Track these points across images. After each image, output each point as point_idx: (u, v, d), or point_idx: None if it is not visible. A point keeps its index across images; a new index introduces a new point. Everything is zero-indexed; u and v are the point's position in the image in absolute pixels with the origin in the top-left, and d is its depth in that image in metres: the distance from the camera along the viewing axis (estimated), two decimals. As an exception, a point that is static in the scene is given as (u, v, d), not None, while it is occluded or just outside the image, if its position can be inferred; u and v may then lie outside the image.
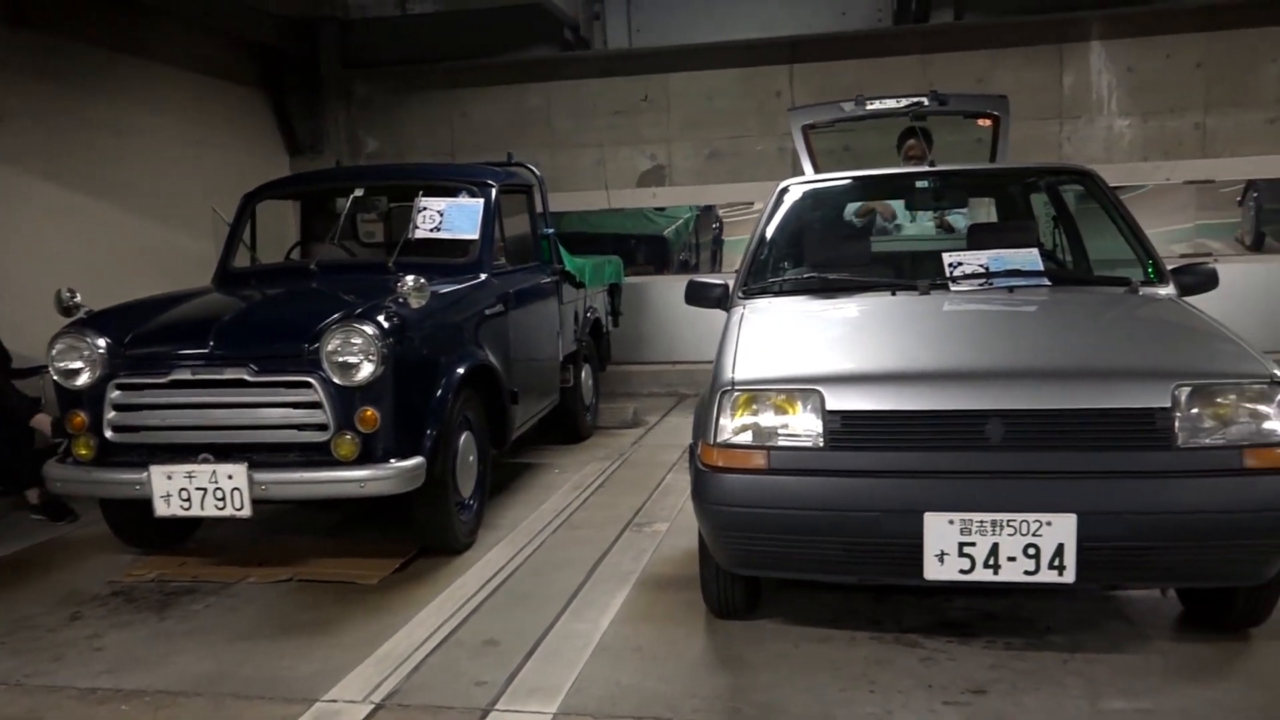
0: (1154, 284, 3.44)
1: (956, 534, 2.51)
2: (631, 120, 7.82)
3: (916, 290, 3.41)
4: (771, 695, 2.66)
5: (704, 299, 3.79)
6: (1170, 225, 7.46)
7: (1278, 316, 6.95)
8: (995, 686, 2.66)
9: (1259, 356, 2.66)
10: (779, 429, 2.69)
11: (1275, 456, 2.48)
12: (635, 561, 3.79)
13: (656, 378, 7.69)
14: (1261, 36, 6.89)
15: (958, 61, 7.26)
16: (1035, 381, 2.62)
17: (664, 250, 8.45)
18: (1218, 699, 2.54)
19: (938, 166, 4.27)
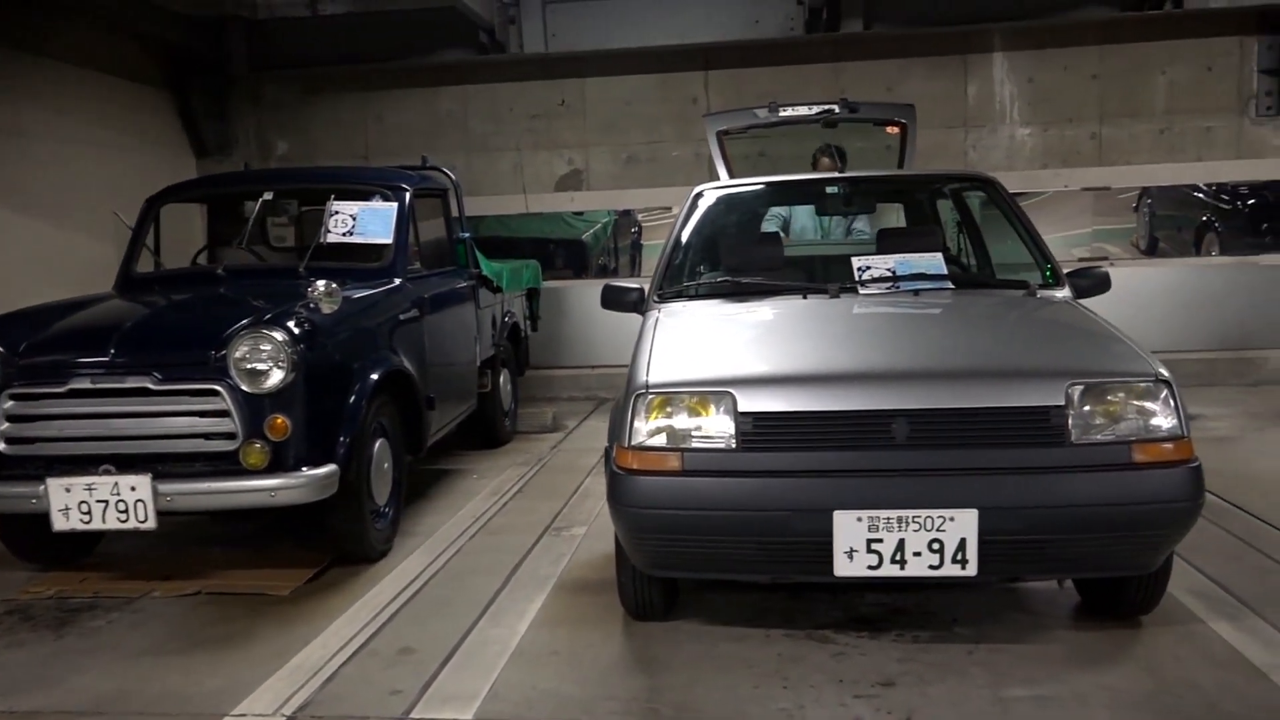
0: (1051, 287, 3.57)
1: (865, 531, 2.58)
2: (549, 124, 7.81)
3: (827, 294, 3.49)
4: (687, 695, 2.70)
5: (620, 303, 3.82)
6: (1070, 230, 7.74)
7: (1170, 317, 7.28)
8: (903, 678, 2.73)
9: (1147, 356, 2.79)
10: (692, 431, 2.73)
11: (1161, 451, 2.61)
12: (553, 566, 3.79)
13: (576, 382, 7.69)
14: (1151, 51, 7.22)
15: (868, 70, 7.44)
16: (938, 382, 2.71)
17: (583, 254, 8.44)
18: (1110, 684, 2.66)
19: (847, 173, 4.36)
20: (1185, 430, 2.63)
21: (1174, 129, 7.28)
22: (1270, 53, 7.13)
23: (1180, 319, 7.33)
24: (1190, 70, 7.22)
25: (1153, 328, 7.14)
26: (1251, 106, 7.21)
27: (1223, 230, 7.71)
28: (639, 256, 8.94)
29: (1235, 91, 7.21)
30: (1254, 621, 3.01)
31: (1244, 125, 7.24)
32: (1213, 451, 5.08)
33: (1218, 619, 3.04)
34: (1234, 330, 7.30)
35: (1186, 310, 7.34)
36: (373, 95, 7.90)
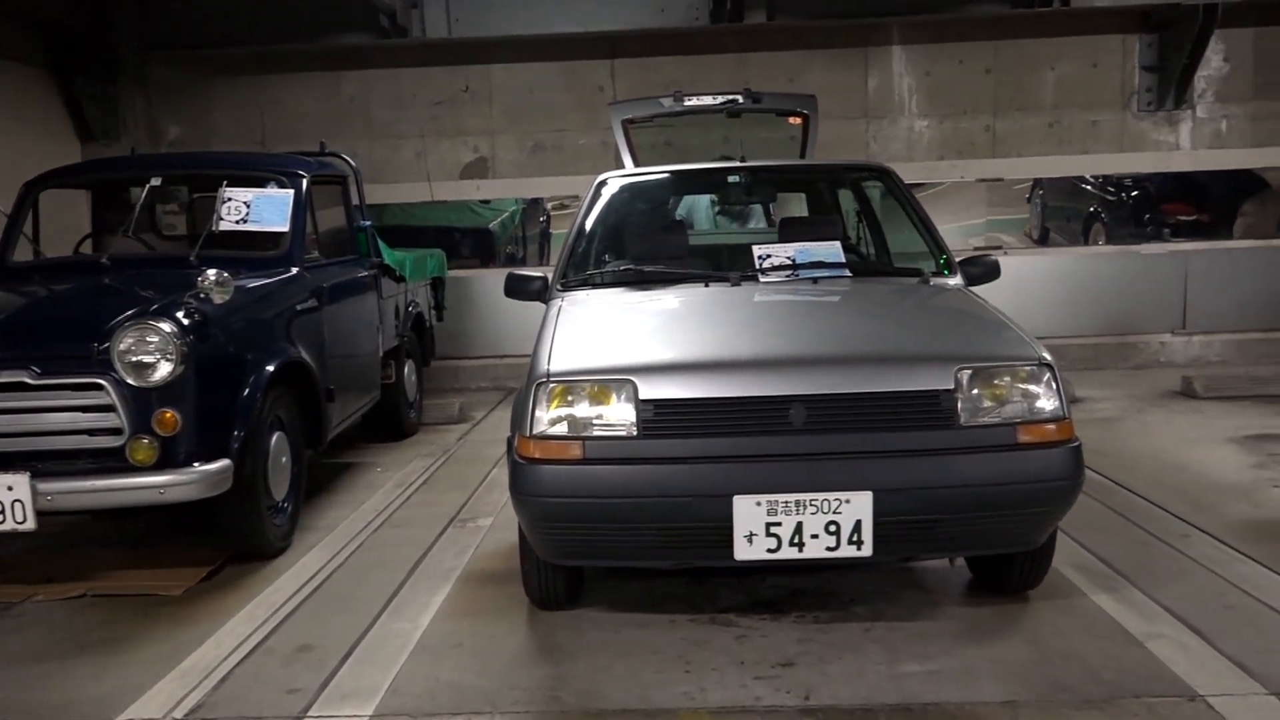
0: (944, 275, 3.68)
1: (764, 515, 2.62)
2: (453, 111, 7.70)
3: (728, 282, 3.53)
4: (591, 682, 2.70)
5: (523, 292, 3.80)
6: (967, 220, 7.98)
7: (1060, 304, 7.58)
8: (803, 658, 2.79)
9: (1031, 341, 2.89)
10: (594, 419, 2.73)
11: (1045, 432, 2.71)
12: (458, 558, 3.76)
13: (483, 372, 7.62)
14: (1041, 47, 7.48)
15: (772, 61, 7.53)
16: (833, 367, 2.76)
17: (490, 243, 8.36)
18: (997, 657, 2.76)
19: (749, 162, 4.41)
20: (1066, 412, 2.74)
21: (1062, 123, 7.57)
22: (1151, 50, 7.46)
23: (1070, 306, 7.63)
24: (1077, 66, 7.51)
25: (1044, 314, 7.44)
26: (1134, 102, 7.53)
27: (1108, 220, 8.04)
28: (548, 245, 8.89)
29: (1119, 87, 7.53)
30: (1132, 593, 3.16)
31: (1127, 120, 7.57)
32: (1097, 432, 5.35)
33: (1099, 592, 3.18)
34: (1118, 316, 7.64)
35: (1075, 297, 7.65)
36: (270, 79, 7.66)
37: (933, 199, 7.68)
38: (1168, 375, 6.89)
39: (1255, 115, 7.52)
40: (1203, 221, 7.86)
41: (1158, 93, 7.46)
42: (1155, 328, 7.65)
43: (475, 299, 7.58)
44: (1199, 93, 7.48)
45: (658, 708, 2.55)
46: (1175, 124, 7.55)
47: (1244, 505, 4.03)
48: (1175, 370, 6.99)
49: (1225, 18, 6.99)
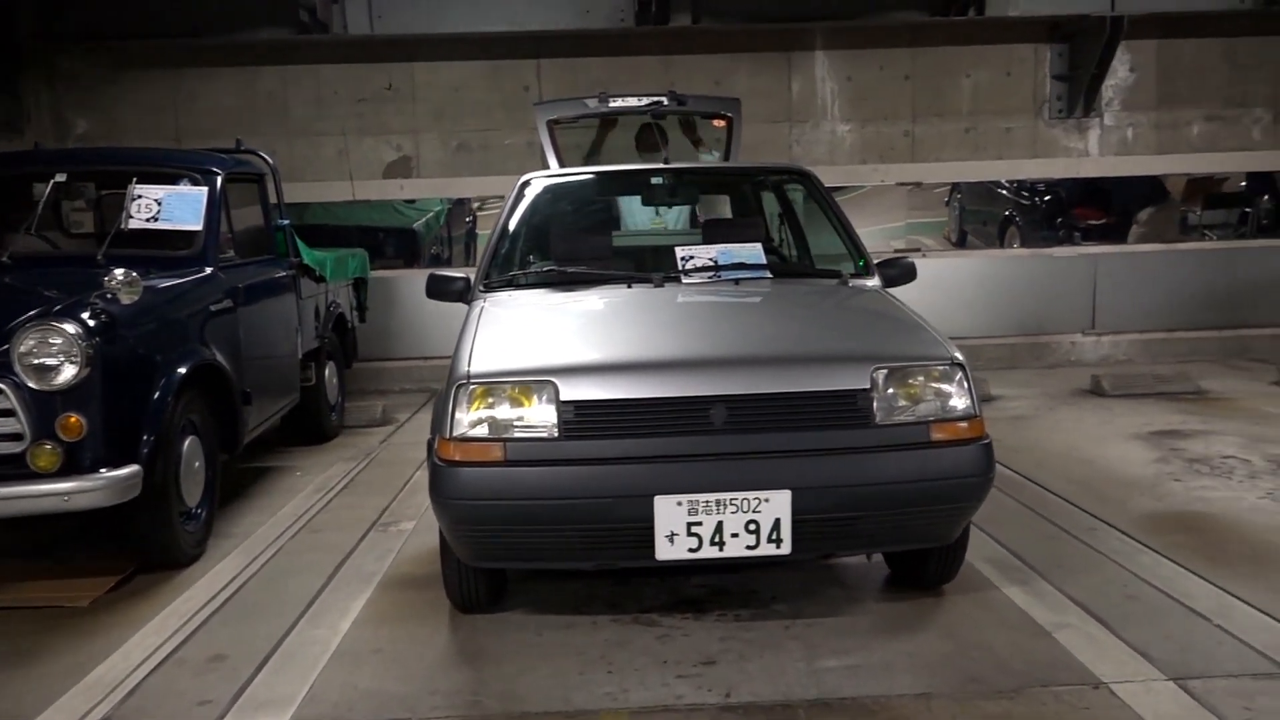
0: (863, 276, 3.75)
1: (685, 515, 2.63)
2: (376, 109, 7.58)
3: (651, 283, 3.54)
4: (513, 685, 2.69)
5: (445, 293, 3.76)
6: (888, 223, 8.15)
7: (977, 305, 7.78)
8: (724, 656, 2.81)
9: (944, 341, 2.96)
10: (515, 421, 2.72)
11: (957, 429, 2.78)
12: (379, 562, 3.70)
13: (407, 374, 7.53)
14: (957, 54, 7.67)
15: (697, 64, 7.58)
16: (753, 368, 2.79)
17: (414, 244, 8.25)
18: (913, 651, 2.82)
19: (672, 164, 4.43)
20: (977, 410, 2.81)
21: (978, 129, 7.77)
22: (1061, 60, 7.71)
23: (986, 307, 7.84)
24: (992, 74, 7.72)
25: (962, 315, 7.65)
26: (1045, 109, 7.77)
27: (1023, 224, 8.29)
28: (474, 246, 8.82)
29: (1031, 95, 7.76)
30: (1041, 585, 3.26)
31: (1039, 127, 7.80)
32: (1010, 430, 5.51)
33: (1010, 584, 3.27)
34: (1032, 317, 7.87)
35: (992, 299, 7.86)
36: (184, 74, 7.45)
37: (855, 202, 7.83)
38: (1078, 374, 7.12)
39: (1158, 124, 7.82)
40: (1111, 225, 8.16)
41: (1068, 101, 7.71)
42: (1067, 328, 7.90)
43: (399, 300, 7.48)
44: (1106, 101, 7.75)
45: (579, 709, 2.54)
46: (1084, 131, 7.81)
47: (1147, 499, 4.19)
48: (1085, 369, 7.23)
49: (1130, 29, 7.26)
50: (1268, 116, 7.86)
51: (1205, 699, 2.48)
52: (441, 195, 7.88)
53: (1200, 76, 7.77)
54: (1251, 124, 7.87)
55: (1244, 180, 8.18)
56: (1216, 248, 8.09)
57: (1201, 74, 7.77)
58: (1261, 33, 7.72)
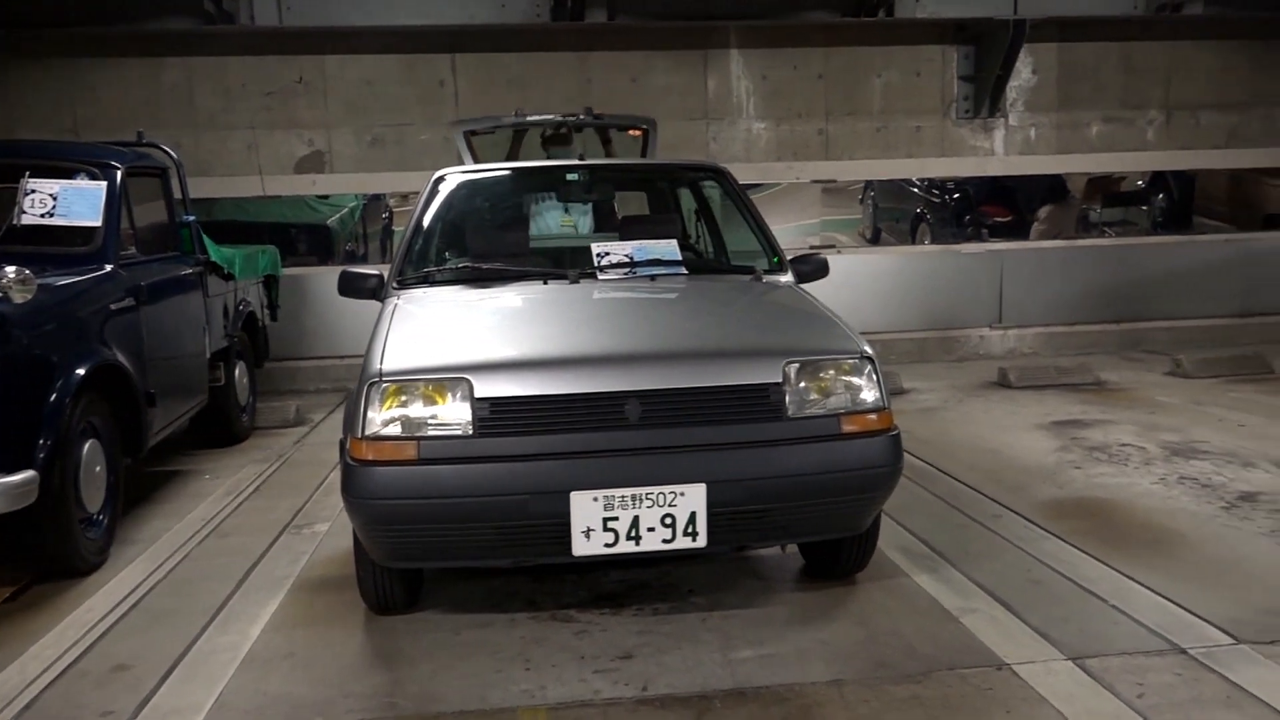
0: (776, 272, 3.80)
1: (601, 510, 2.64)
2: (286, 103, 7.41)
3: (567, 279, 3.54)
4: (429, 685, 2.66)
5: (358, 290, 3.70)
6: (804, 220, 8.29)
7: (890, 300, 7.96)
8: (641, 650, 2.83)
9: (854, 335, 3.02)
10: (428, 419, 2.69)
11: (866, 421, 2.85)
12: (292, 565, 3.63)
13: (322, 373, 7.38)
14: (869, 54, 7.84)
15: (614, 60, 7.59)
16: (667, 363, 2.81)
17: (328, 240, 8.10)
18: (826, 639, 2.88)
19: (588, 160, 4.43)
20: (886, 402, 2.88)
21: (889, 127, 7.95)
22: (968, 61, 7.94)
23: (899, 302, 8.03)
24: (902, 74, 7.90)
25: (876, 310, 7.82)
26: (953, 109, 7.99)
27: (933, 221, 8.52)
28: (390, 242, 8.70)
29: (939, 95, 7.97)
30: (949, 572, 3.36)
31: (947, 126, 8.02)
32: (921, 421, 5.65)
33: (920, 572, 3.36)
34: (942, 312, 8.09)
35: (903, 294, 8.05)
36: (83, 63, 7.17)
37: (771, 199, 7.94)
38: (986, 367, 7.34)
39: (1059, 124, 8.11)
40: (1016, 223, 8.43)
41: (974, 101, 7.94)
42: (975, 322, 8.14)
43: (313, 298, 7.33)
44: (1011, 102, 8.01)
45: (496, 707, 2.54)
46: (990, 131, 8.06)
47: (1049, 486, 4.35)
48: (993, 362, 7.45)
49: (1032, 33, 7.51)
50: (1161, 118, 8.22)
51: (1101, 677, 2.59)
52: (356, 191, 7.75)
53: (1098, 79, 8.08)
54: (1146, 125, 8.22)
55: (1140, 180, 8.54)
56: (1115, 244, 8.43)
57: (1099, 77, 8.08)
58: (1154, 37, 8.06)
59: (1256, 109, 8.31)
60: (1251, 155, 8.38)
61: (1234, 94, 8.26)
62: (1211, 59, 8.19)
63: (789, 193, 8.12)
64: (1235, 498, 4.06)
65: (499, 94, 7.51)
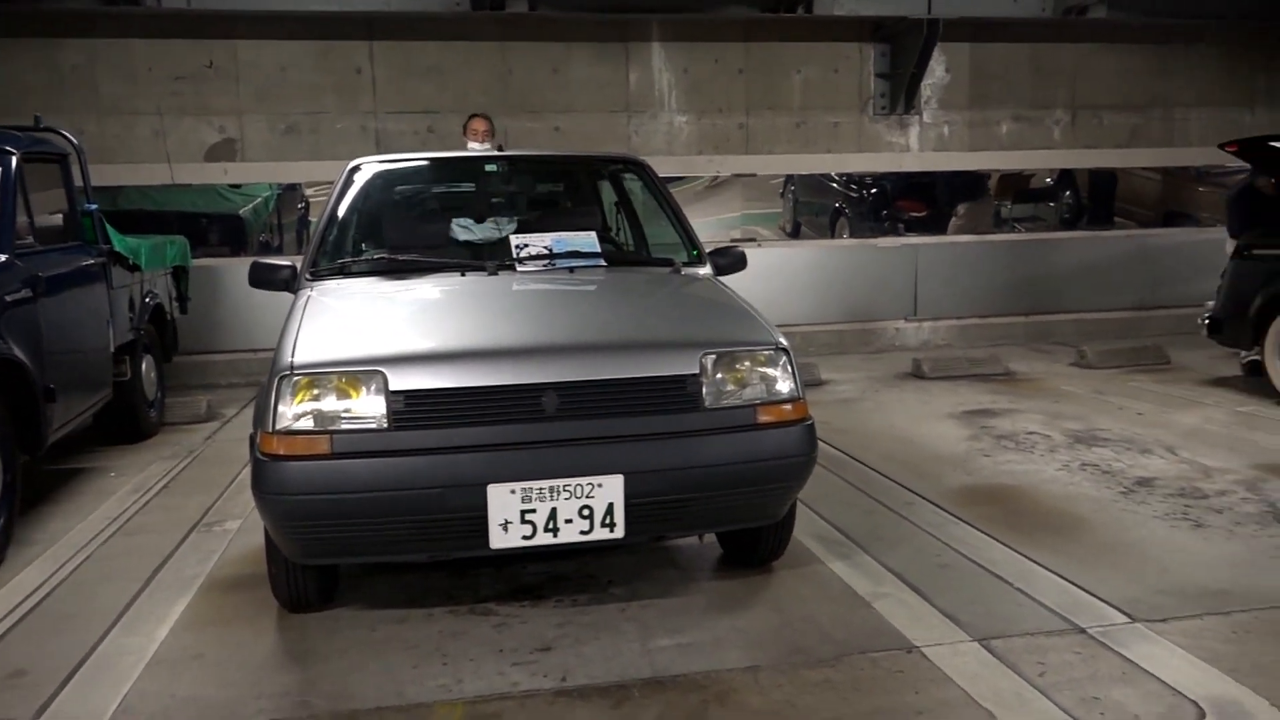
0: (695, 265, 3.83)
1: (518, 503, 2.64)
2: (196, 88, 7.19)
3: (485, 271, 3.51)
4: (343, 683, 2.63)
5: (270, 281, 3.62)
6: (725, 214, 8.35)
7: (810, 293, 8.09)
8: (560, 642, 2.83)
9: (770, 327, 3.06)
10: (342, 413, 2.65)
11: (782, 412, 2.89)
12: (202, 564, 3.54)
13: (235, 367, 7.19)
14: (788, 50, 7.94)
15: (535, 51, 7.55)
16: (585, 355, 2.81)
17: (241, 230, 7.87)
18: (743, 626, 2.92)
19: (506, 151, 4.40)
20: (800, 393, 2.93)
21: (808, 123, 8.06)
22: (884, 59, 8.09)
23: (818, 295, 8.16)
24: (820, 71, 8.02)
25: (795, 303, 7.94)
26: (870, 106, 8.14)
27: (851, 216, 8.66)
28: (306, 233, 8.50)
29: (857, 92, 8.11)
30: (862, 558, 3.44)
31: (864, 122, 8.17)
32: (838, 412, 5.76)
33: (834, 559, 3.43)
34: (860, 304, 8.25)
35: (822, 287, 8.19)
36: (-26, 44, 6.85)
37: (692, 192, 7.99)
38: (901, 358, 7.52)
39: (971, 122, 8.33)
40: (931, 218, 8.63)
41: (890, 98, 8.10)
42: (891, 315, 8.32)
43: (225, 290, 7.14)
44: (925, 100, 8.19)
45: (412, 702, 2.51)
46: (906, 128, 8.23)
47: (959, 473, 4.47)
48: (908, 353, 7.63)
49: (945, 32, 7.69)
50: (1066, 118, 8.50)
51: (1005, 657, 2.68)
52: (269, 180, 7.56)
53: (1008, 79, 8.32)
54: (1053, 125, 8.50)
55: (1049, 177, 8.82)
56: (1024, 239, 8.69)
57: (1009, 77, 8.32)
58: (1060, 40, 8.33)
59: (1155, 110, 8.65)
60: (1151, 155, 8.73)
61: (1135, 96, 8.59)
62: (1114, 62, 8.50)
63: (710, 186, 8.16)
64: (1132, 483, 4.23)
65: (417, 83, 7.41)
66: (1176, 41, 8.56)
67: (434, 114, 7.43)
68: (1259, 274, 5.76)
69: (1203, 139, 8.54)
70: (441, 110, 7.40)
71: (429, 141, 7.41)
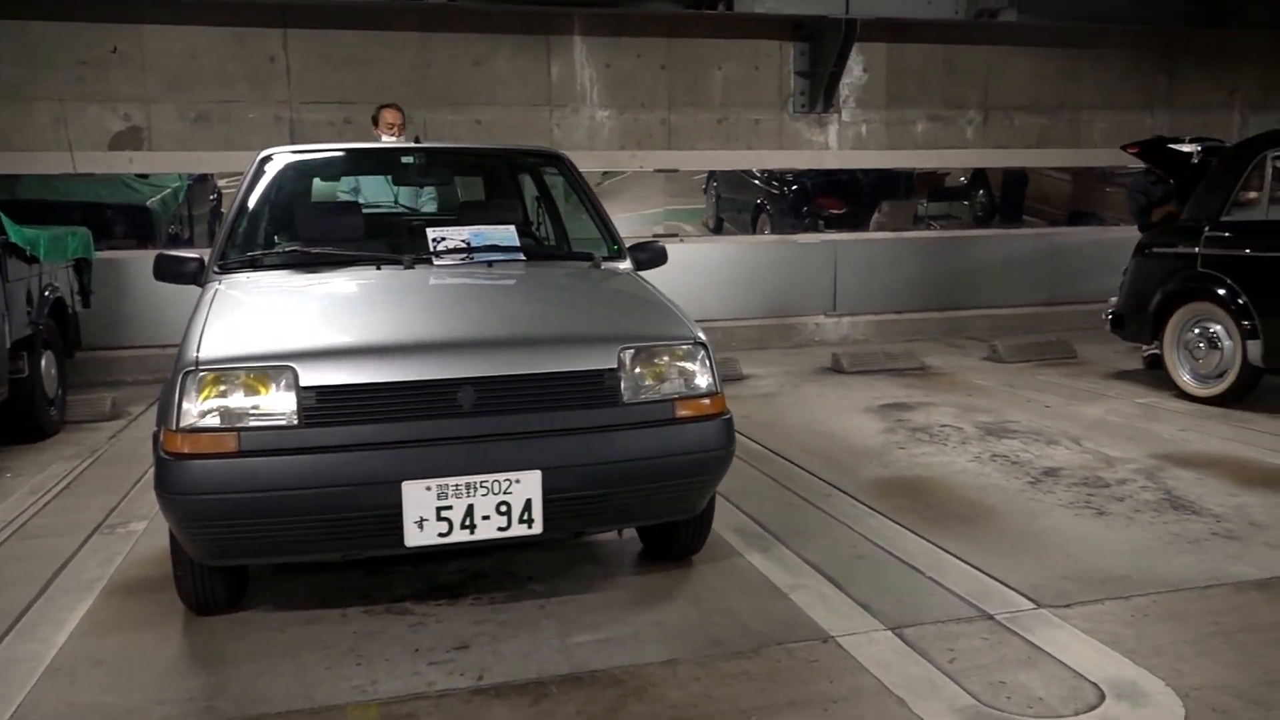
0: (615, 260, 3.82)
1: (434, 499, 2.60)
2: (100, 74, 6.92)
3: (401, 265, 3.45)
4: (252, 686, 2.56)
5: (176, 274, 3.51)
6: (648, 209, 8.37)
7: (732, 288, 8.16)
8: (478, 640, 2.81)
9: (688, 322, 3.07)
10: (250, 410, 2.58)
11: (700, 406, 2.90)
12: (104, 567, 3.41)
13: (142, 363, 6.95)
14: (710, 47, 7.98)
15: (456, 43, 7.45)
16: (502, 350, 2.79)
17: (148, 222, 7.61)
18: (662, 620, 2.93)
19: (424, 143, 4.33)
20: (719, 387, 2.95)
21: (730, 119, 8.12)
22: (804, 58, 8.19)
23: (740, 290, 8.23)
24: (741, 68, 8.09)
25: (718, 298, 8.00)
26: (790, 104, 8.24)
27: (773, 212, 8.75)
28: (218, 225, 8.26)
29: (777, 89, 8.20)
30: (780, 551, 3.47)
31: (784, 120, 8.27)
32: (759, 406, 5.82)
33: (753, 551, 3.47)
34: (780, 300, 8.35)
35: (744, 282, 8.26)
36: None
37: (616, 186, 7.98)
38: (821, 353, 7.63)
39: (888, 121, 8.49)
40: (850, 215, 8.78)
41: (810, 96, 8.21)
42: (811, 310, 8.44)
43: (132, 283, 6.89)
44: (844, 98, 8.32)
45: (324, 705, 2.46)
46: (825, 126, 8.35)
47: (875, 466, 4.56)
48: (827, 348, 7.75)
49: (863, 32, 7.82)
50: (979, 119, 8.72)
51: (917, 644, 2.73)
52: (179, 170, 7.33)
53: (923, 79, 8.51)
54: (966, 125, 8.71)
55: (963, 176, 9.05)
56: (939, 236, 8.90)
57: (924, 77, 8.50)
58: (973, 42, 8.55)
59: (1064, 112, 8.94)
60: (1059, 155, 9.02)
61: (1045, 98, 8.86)
62: (1025, 64, 8.75)
63: (632, 181, 8.17)
64: (1040, 473, 4.36)
65: (334, 73, 7.26)
66: (1083, 46, 8.85)
67: (351, 105, 7.29)
68: (1158, 272, 5.99)
69: (1107, 140, 8.85)
70: (359, 101, 7.25)
71: (346, 133, 7.26)
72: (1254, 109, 9.43)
